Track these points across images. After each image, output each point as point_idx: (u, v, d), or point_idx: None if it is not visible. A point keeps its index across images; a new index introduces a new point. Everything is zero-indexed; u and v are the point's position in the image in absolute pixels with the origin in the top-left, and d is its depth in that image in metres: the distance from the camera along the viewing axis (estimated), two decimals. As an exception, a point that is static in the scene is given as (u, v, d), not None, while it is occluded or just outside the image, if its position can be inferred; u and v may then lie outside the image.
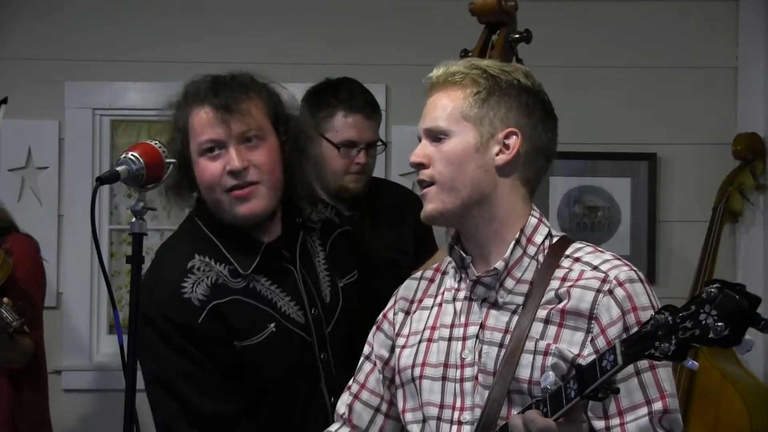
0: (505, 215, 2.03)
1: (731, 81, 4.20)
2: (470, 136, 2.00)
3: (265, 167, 2.50)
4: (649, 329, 1.65)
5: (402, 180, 4.01)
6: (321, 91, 3.27)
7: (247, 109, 2.49)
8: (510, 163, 2.01)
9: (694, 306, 1.60)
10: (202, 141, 2.49)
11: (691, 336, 1.59)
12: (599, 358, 1.72)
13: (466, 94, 2.01)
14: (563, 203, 4.20)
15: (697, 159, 4.19)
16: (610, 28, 4.22)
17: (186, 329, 2.44)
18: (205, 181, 2.51)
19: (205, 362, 2.45)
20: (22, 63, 4.20)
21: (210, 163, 2.49)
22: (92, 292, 4.17)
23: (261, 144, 2.51)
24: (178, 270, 2.49)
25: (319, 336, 2.56)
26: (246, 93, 2.52)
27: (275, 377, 2.51)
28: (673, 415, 1.92)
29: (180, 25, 4.22)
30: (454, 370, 2.03)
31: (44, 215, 4.15)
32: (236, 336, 2.48)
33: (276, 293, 2.53)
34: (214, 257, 2.51)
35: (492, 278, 2.02)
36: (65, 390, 4.12)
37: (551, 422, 1.77)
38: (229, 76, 2.55)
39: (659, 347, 1.63)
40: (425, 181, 2.04)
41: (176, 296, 2.45)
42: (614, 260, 1.99)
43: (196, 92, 2.53)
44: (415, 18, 4.20)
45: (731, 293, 1.57)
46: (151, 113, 4.19)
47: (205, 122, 2.49)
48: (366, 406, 2.22)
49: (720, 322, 1.56)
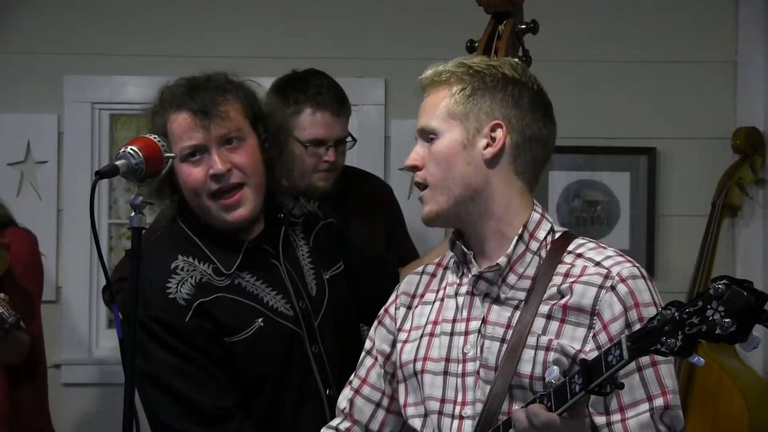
0: (503, 210, 2.03)
1: (731, 75, 4.19)
2: (456, 133, 2.01)
3: (247, 168, 2.49)
4: (655, 324, 1.65)
5: (401, 175, 4.00)
6: (287, 86, 3.18)
7: (225, 110, 2.47)
8: (498, 155, 2.01)
9: (701, 302, 1.60)
10: (182, 147, 2.47)
11: (698, 332, 1.59)
12: (605, 353, 1.72)
13: (453, 92, 2.02)
14: (562, 198, 4.19)
15: (697, 153, 4.19)
16: (609, 23, 4.22)
17: (175, 328, 2.44)
18: (190, 187, 2.49)
19: (198, 359, 2.44)
20: (20, 57, 4.20)
21: (193, 169, 2.47)
22: (91, 286, 4.17)
23: (241, 145, 2.49)
24: (162, 271, 2.48)
25: (308, 328, 2.55)
26: (222, 94, 2.49)
27: (269, 370, 2.51)
28: (674, 411, 1.92)
29: (179, 19, 4.22)
30: (456, 364, 2.03)
31: (43, 209, 4.15)
32: (224, 332, 2.47)
33: (261, 288, 2.53)
34: (197, 257, 2.51)
35: (494, 274, 2.02)
36: (65, 384, 4.12)
37: (554, 416, 1.77)
38: (204, 78, 2.53)
39: (666, 342, 1.63)
40: (420, 183, 2.05)
41: (162, 296, 2.45)
42: (617, 256, 1.99)
43: (171, 97, 2.50)
44: (415, 12, 4.19)
45: (739, 289, 1.56)
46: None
47: (185, 128, 2.46)
48: (367, 401, 2.22)
49: (727, 318, 1.56)
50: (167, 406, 2.47)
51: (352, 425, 2.23)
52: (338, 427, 2.25)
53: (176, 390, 2.45)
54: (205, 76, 2.53)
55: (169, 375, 2.45)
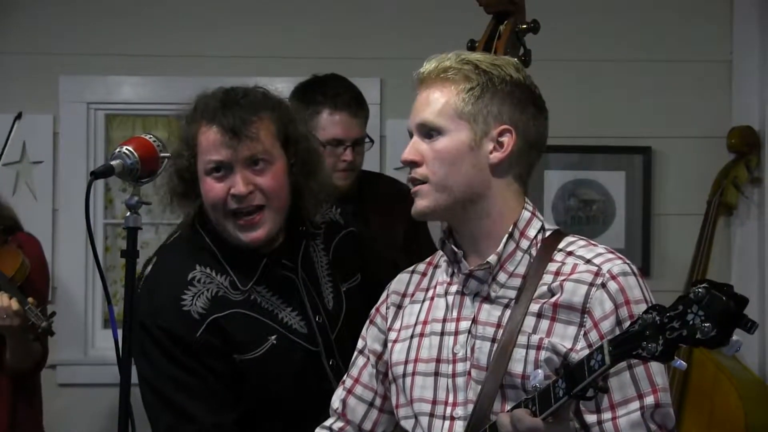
0: (498, 212, 2.02)
1: (726, 74, 4.20)
2: (464, 134, 1.98)
3: (271, 191, 2.45)
4: (637, 329, 1.65)
5: (396, 174, 4.00)
6: (307, 89, 3.25)
7: (256, 132, 2.43)
8: (504, 161, 2.00)
9: (681, 306, 1.60)
10: (208, 160, 2.45)
11: (679, 336, 1.59)
12: (587, 358, 1.72)
13: (459, 90, 1.99)
14: (558, 197, 4.20)
15: (692, 152, 4.19)
16: (604, 22, 4.22)
17: (184, 342, 2.42)
18: (210, 201, 2.47)
19: (202, 374, 2.43)
20: (16, 57, 4.20)
21: (215, 184, 2.45)
22: (87, 286, 4.17)
23: (268, 168, 2.45)
24: (178, 280, 2.46)
25: (325, 343, 2.54)
26: (256, 113, 2.45)
27: (282, 386, 2.49)
28: (665, 409, 1.92)
29: (175, 19, 4.21)
30: (446, 365, 2.02)
31: (39, 210, 4.14)
32: (236, 349, 2.45)
33: (277, 304, 2.51)
34: (215, 269, 2.49)
35: (484, 272, 2.01)
36: (60, 384, 4.12)
37: (539, 421, 1.77)
38: (241, 93, 2.48)
39: (646, 347, 1.63)
40: (417, 180, 2.01)
41: (175, 308, 2.43)
42: (607, 254, 1.99)
43: (205, 109, 2.46)
44: (410, 11, 4.19)
45: (718, 294, 1.56)
46: (145, 107, 4.24)
47: (213, 142, 2.43)
48: (360, 401, 2.22)
49: (707, 322, 1.56)
50: (166, 417, 2.46)
51: (346, 425, 2.23)
52: (332, 427, 2.24)
53: (176, 402, 2.43)
54: (243, 90, 2.49)
55: (171, 387, 2.44)
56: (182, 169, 2.48)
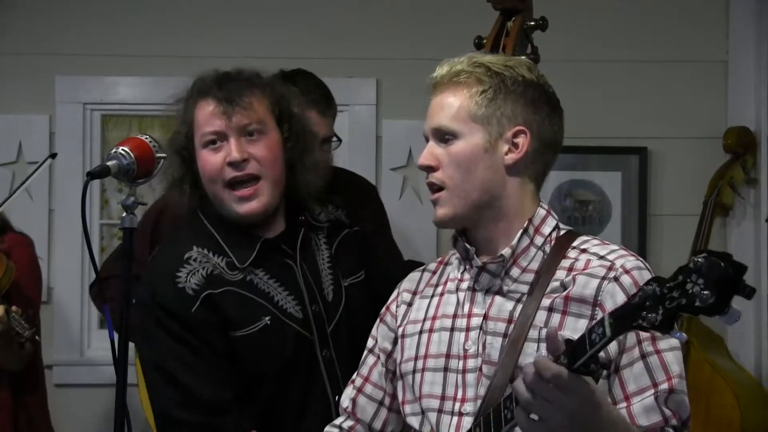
0: (514, 212, 2.03)
1: (722, 75, 4.20)
2: (478, 136, 2.00)
3: (265, 161, 2.49)
4: (637, 301, 1.65)
5: (393, 174, 4.01)
6: None
7: (249, 102, 2.49)
8: (519, 162, 2.01)
9: (681, 276, 1.60)
10: (204, 133, 2.50)
11: (678, 305, 1.58)
12: (588, 332, 1.71)
13: (472, 93, 2.00)
14: (554, 197, 4.20)
15: (688, 153, 4.19)
16: (600, 23, 4.22)
17: (181, 317, 2.45)
18: (207, 173, 2.51)
19: (200, 349, 2.46)
20: (12, 57, 4.19)
21: (211, 155, 2.49)
22: (83, 287, 4.17)
23: (262, 138, 2.51)
24: (174, 260, 2.50)
25: (320, 333, 2.56)
26: (250, 87, 2.52)
27: (270, 369, 2.51)
28: (679, 396, 1.90)
29: (171, 19, 4.22)
30: (457, 360, 2.02)
31: (35, 210, 4.14)
32: (230, 326, 2.48)
33: (274, 287, 2.53)
34: (212, 249, 2.52)
35: (497, 265, 2.01)
36: (56, 385, 4.11)
37: (564, 369, 1.71)
38: (235, 71, 2.56)
39: (646, 317, 1.62)
40: (435, 184, 2.03)
41: (171, 285, 2.47)
42: (621, 250, 1.99)
43: (201, 86, 2.54)
44: (406, 12, 4.18)
45: (717, 260, 1.55)
46: (142, 108, 4.24)
47: (208, 114, 2.49)
48: (370, 400, 2.22)
49: (706, 290, 1.55)
50: (167, 392, 2.49)
51: (356, 424, 2.23)
52: (342, 426, 2.24)
53: (177, 378, 2.46)
54: (237, 70, 2.57)
55: (171, 362, 2.47)
56: (181, 147, 2.53)
